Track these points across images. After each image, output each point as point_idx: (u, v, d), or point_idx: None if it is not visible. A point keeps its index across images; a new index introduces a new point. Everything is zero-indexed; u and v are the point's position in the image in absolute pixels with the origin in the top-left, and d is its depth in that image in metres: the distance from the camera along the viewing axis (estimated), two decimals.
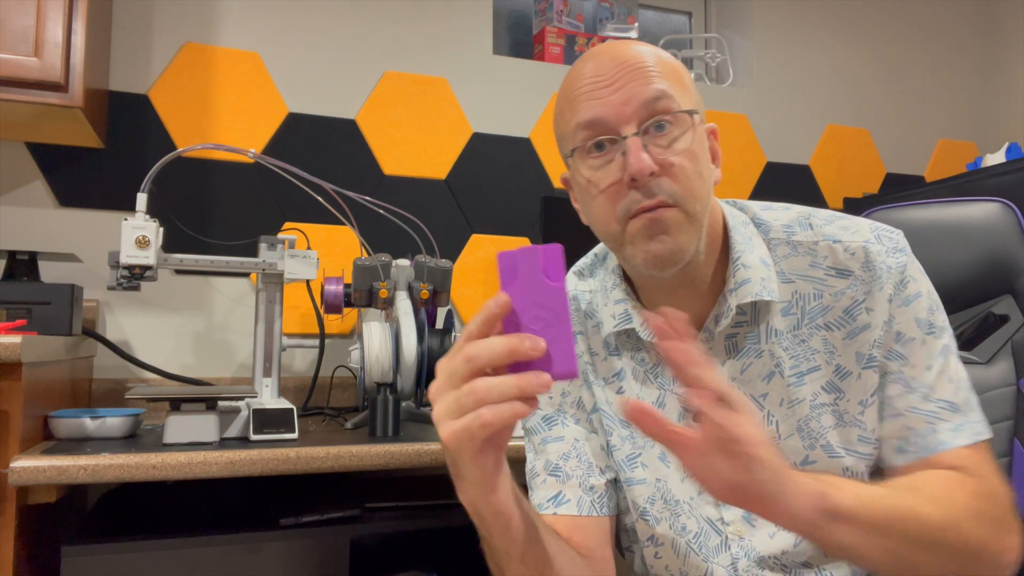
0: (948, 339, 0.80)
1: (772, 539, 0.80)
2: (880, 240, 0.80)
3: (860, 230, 0.81)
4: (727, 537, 0.81)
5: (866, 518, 0.66)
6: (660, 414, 0.61)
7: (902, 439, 0.78)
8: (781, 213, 0.85)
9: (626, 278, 0.87)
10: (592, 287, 0.91)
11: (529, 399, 0.57)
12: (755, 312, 0.81)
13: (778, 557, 0.79)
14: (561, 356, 0.58)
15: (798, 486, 0.63)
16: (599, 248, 0.94)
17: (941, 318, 0.80)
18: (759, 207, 0.86)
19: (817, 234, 0.82)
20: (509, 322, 0.59)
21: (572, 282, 0.93)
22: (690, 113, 0.76)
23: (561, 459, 0.86)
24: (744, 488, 0.61)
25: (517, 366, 0.58)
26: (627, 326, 0.84)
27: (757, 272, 0.79)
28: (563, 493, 0.84)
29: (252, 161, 1.71)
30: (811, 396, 0.79)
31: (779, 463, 0.62)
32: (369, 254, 1.40)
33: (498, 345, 0.57)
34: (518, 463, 0.83)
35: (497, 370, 0.58)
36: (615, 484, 0.88)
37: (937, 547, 0.69)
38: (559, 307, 0.58)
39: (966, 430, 0.77)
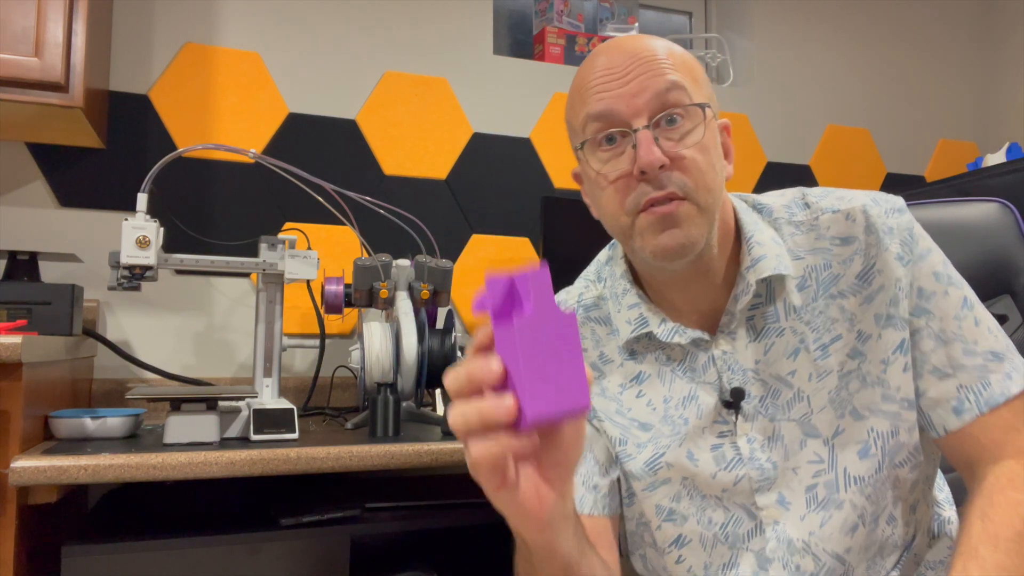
0: (967, 290, 0.80)
1: (802, 521, 0.79)
2: (877, 203, 0.81)
3: (856, 196, 0.82)
4: (761, 521, 0.80)
5: None
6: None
7: (957, 399, 0.78)
8: (777, 197, 0.86)
9: (636, 281, 0.87)
10: (603, 293, 0.90)
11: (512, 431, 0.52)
12: (770, 291, 0.81)
13: (807, 541, 0.79)
14: (575, 389, 0.52)
15: None
16: (602, 254, 0.94)
17: (954, 271, 0.81)
18: (754, 196, 0.87)
19: (815, 210, 0.83)
20: (524, 354, 0.51)
21: (582, 289, 0.92)
22: (702, 106, 0.76)
23: None
24: None
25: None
26: (645, 330, 0.84)
27: (771, 249, 0.80)
28: None
29: (252, 161, 1.71)
30: (838, 366, 0.79)
31: None
32: (369, 254, 1.40)
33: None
34: None
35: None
36: (619, 484, 0.88)
37: None
38: (573, 336, 0.53)
39: (1016, 376, 0.77)
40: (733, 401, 0.80)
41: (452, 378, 0.53)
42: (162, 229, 1.24)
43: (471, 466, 0.54)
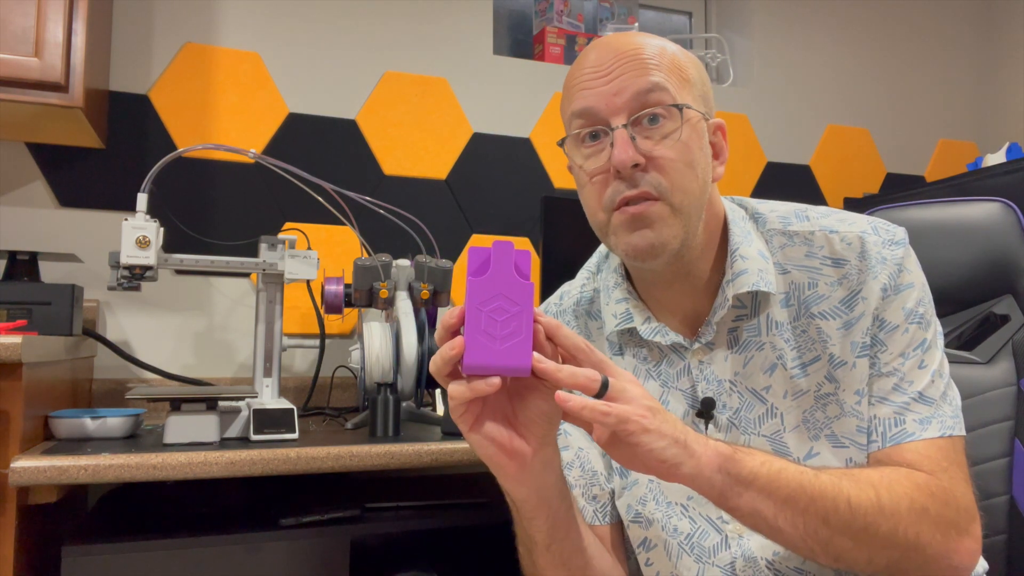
0: (933, 334, 0.79)
1: (766, 539, 0.79)
2: (877, 232, 0.80)
3: (857, 222, 0.81)
4: (727, 536, 0.80)
5: (774, 488, 0.66)
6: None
7: (869, 429, 0.77)
8: (778, 206, 0.85)
9: (628, 276, 0.87)
10: (598, 286, 0.91)
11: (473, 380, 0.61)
12: (755, 304, 0.80)
13: (771, 561, 0.79)
14: (518, 350, 0.60)
15: (704, 448, 0.65)
16: (603, 246, 0.94)
17: (929, 312, 0.80)
18: (756, 202, 0.86)
19: (814, 224, 0.82)
20: (471, 309, 0.60)
21: (583, 282, 0.93)
22: (679, 107, 0.75)
23: (565, 468, 0.85)
24: (645, 462, 0.63)
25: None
26: (628, 325, 0.84)
27: (755, 264, 0.79)
28: None
29: (252, 161, 1.71)
30: (815, 387, 0.79)
31: (674, 428, 0.63)
32: (369, 254, 1.40)
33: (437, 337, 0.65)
34: None
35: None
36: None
37: (862, 534, 0.67)
38: (525, 303, 0.60)
39: (935, 423, 0.75)
40: (704, 411, 0.80)
41: (436, 334, 0.64)
42: (162, 229, 1.24)
43: (450, 409, 0.63)
